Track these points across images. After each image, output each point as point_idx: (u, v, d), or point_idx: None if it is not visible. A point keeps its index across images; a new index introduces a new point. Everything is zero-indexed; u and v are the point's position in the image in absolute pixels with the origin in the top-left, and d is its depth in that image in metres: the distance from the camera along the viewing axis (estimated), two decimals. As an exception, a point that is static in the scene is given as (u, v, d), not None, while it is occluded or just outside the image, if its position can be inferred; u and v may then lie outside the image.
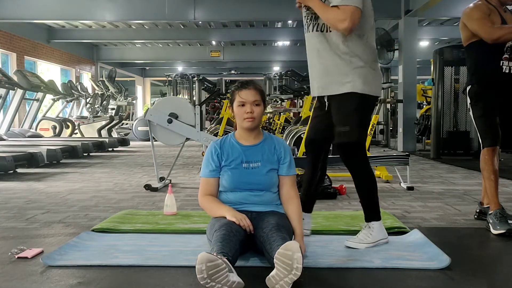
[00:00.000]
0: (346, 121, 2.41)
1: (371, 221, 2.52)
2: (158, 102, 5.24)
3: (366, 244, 2.45)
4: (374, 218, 2.53)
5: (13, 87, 8.77)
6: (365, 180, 2.54)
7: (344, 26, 2.35)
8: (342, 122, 2.43)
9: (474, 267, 2.23)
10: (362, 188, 2.56)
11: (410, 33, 9.87)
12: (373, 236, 2.48)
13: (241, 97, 2.36)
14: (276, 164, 2.45)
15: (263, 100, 2.40)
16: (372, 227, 2.50)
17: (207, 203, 2.45)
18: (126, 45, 17.46)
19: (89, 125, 12.34)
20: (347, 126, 2.40)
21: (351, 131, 2.41)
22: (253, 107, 2.35)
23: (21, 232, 2.94)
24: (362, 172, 2.53)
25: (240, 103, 2.37)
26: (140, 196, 4.37)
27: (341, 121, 2.43)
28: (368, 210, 2.55)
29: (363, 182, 2.55)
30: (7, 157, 5.71)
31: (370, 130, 5.64)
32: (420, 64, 11.07)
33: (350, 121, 2.41)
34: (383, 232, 2.54)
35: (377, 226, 2.52)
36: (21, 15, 10.36)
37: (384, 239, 2.52)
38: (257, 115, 2.37)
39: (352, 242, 2.47)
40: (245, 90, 2.37)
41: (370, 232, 2.48)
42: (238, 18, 11.98)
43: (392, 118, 12.47)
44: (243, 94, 2.36)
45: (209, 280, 1.80)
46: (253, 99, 2.36)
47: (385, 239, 2.53)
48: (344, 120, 2.42)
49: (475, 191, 4.57)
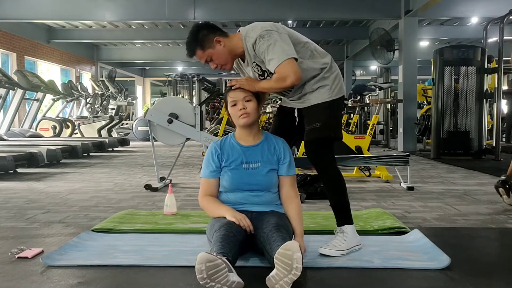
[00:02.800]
0: (318, 118, 2.39)
1: (344, 225, 2.43)
2: (158, 102, 5.24)
3: (341, 251, 2.34)
4: (346, 222, 2.44)
5: (13, 87, 8.77)
6: (332, 180, 2.45)
7: (289, 83, 2.29)
8: (313, 120, 2.40)
9: (474, 267, 2.23)
10: (329, 189, 2.47)
11: (410, 33, 9.88)
12: (347, 242, 2.37)
13: (231, 97, 2.39)
14: (276, 164, 2.45)
15: (255, 95, 2.40)
16: (346, 232, 2.40)
17: (207, 203, 2.45)
18: (126, 45, 17.47)
19: (89, 125, 12.35)
20: (318, 122, 2.38)
21: (322, 126, 2.38)
22: (245, 103, 2.36)
23: (21, 232, 2.94)
24: (329, 171, 2.44)
25: (232, 103, 2.39)
26: (140, 196, 4.37)
27: (313, 120, 2.41)
28: (339, 213, 2.46)
29: (331, 182, 2.46)
30: (7, 157, 5.71)
31: (370, 130, 5.65)
32: (420, 64, 11.06)
33: (321, 117, 2.39)
34: (356, 237, 2.44)
35: (350, 230, 2.42)
36: (21, 15, 10.37)
37: (357, 245, 2.43)
38: (251, 110, 2.37)
39: (326, 249, 2.36)
40: (233, 91, 2.40)
41: (344, 238, 2.38)
42: (238, 18, 11.96)
43: (392, 118, 12.48)
44: (232, 94, 2.39)
45: (208, 280, 1.80)
46: (243, 96, 2.37)
47: (358, 245, 2.44)
48: (316, 118, 2.40)
49: (475, 191, 4.57)
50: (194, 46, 2.39)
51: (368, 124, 6.09)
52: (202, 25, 2.42)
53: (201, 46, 2.38)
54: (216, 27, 2.42)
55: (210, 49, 2.38)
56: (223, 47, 2.38)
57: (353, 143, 5.47)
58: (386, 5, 10.10)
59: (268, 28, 2.31)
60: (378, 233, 2.83)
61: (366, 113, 12.04)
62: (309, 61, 2.40)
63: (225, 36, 2.40)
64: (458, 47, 8.13)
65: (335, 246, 2.37)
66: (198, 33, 2.38)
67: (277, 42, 2.27)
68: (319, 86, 2.40)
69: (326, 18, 12.45)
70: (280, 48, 2.26)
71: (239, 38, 2.38)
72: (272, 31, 2.30)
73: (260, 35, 2.29)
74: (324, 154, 2.43)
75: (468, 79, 7.72)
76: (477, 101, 7.72)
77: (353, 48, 15.88)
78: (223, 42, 2.38)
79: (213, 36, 2.37)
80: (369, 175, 5.56)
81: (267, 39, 2.27)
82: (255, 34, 2.31)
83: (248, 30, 2.37)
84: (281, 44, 2.27)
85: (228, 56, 2.41)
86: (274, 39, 2.27)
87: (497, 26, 7.75)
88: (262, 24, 2.35)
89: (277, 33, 2.30)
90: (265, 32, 2.29)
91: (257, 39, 2.28)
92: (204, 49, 2.39)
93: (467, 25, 13.42)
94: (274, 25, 2.35)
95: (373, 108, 10.85)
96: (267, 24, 2.36)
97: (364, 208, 3.71)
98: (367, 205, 3.88)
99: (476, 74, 7.71)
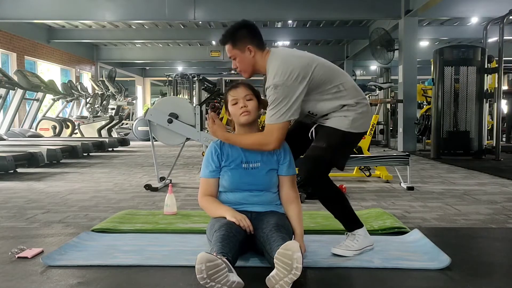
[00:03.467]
0: (327, 140, 2.34)
1: (354, 229, 2.42)
2: (158, 102, 5.24)
3: (353, 251, 2.35)
4: (356, 226, 2.43)
5: (13, 87, 8.77)
6: (327, 197, 2.41)
7: (269, 149, 2.32)
8: (322, 139, 2.36)
9: (474, 267, 2.23)
10: (327, 205, 2.43)
11: (410, 33, 9.88)
12: (360, 242, 2.38)
13: (232, 95, 2.40)
14: (275, 164, 2.45)
15: (256, 95, 2.40)
16: (358, 234, 2.40)
17: (206, 203, 2.45)
18: (126, 45, 17.47)
19: (89, 125, 12.34)
20: (325, 143, 2.33)
21: (327, 148, 2.31)
22: (246, 102, 2.37)
23: (21, 232, 2.94)
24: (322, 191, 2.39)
25: (233, 101, 2.40)
26: (140, 196, 4.37)
27: (322, 139, 2.36)
28: (345, 222, 2.45)
29: (326, 200, 2.41)
30: (7, 157, 5.71)
31: (370, 130, 5.65)
32: (420, 64, 11.07)
33: (331, 141, 2.33)
34: (368, 238, 2.44)
35: (362, 232, 2.42)
36: (21, 15, 10.36)
37: (370, 245, 2.43)
38: (252, 108, 2.38)
39: (339, 249, 2.36)
40: (235, 88, 2.42)
41: (357, 238, 2.39)
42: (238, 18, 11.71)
43: (392, 118, 12.47)
44: (233, 92, 2.40)
45: (208, 280, 1.80)
46: (244, 94, 2.38)
47: (371, 245, 2.44)
48: (325, 139, 2.35)
49: (475, 191, 4.58)
50: (228, 39, 2.39)
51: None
52: (247, 24, 2.41)
53: (233, 43, 2.38)
54: (257, 35, 2.39)
55: (239, 51, 2.37)
56: (251, 57, 2.37)
57: (353, 143, 5.46)
58: (386, 5, 10.10)
59: (287, 78, 2.23)
60: (378, 233, 2.83)
61: (366, 113, 12.02)
62: (329, 102, 2.34)
63: (259, 49, 2.38)
64: (458, 47, 8.13)
65: (347, 246, 2.37)
66: (239, 30, 2.37)
67: (286, 99, 2.23)
68: (343, 116, 2.34)
69: (326, 18, 12.45)
70: (284, 108, 2.23)
71: (265, 60, 2.36)
72: (289, 83, 2.23)
73: (275, 85, 2.23)
74: (317, 174, 2.34)
75: (468, 79, 7.72)
76: (477, 101, 7.72)
77: (353, 48, 15.88)
78: (253, 52, 2.36)
79: (249, 41, 2.36)
80: (369, 175, 5.56)
81: (278, 91, 2.23)
82: (271, 79, 2.25)
83: (272, 65, 2.30)
84: (287, 103, 2.23)
85: (250, 67, 2.40)
86: (285, 94, 2.22)
87: (497, 26, 7.76)
88: (285, 67, 2.25)
89: (291, 88, 2.23)
90: (281, 83, 2.22)
91: (272, 86, 2.25)
92: (234, 47, 2.38)
93: (467, 25, 13.42)
94: (300, 70, 2.25)
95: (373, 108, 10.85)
96: (294, 67, 2.25)
97: (364, 208, 3.71)
98: (367, 205, 3.88)
99: (476, 74, 7.72)
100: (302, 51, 2.46)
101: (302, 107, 2.33)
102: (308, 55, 2.40)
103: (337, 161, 2.40)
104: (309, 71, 2.28)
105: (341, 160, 2.43)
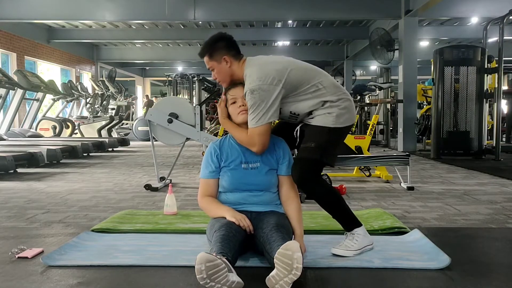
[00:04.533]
0: (314, 139, 2.36)
1: (353, 229, 2.43)
2: (158, 102, 5.24)
3: (353, 251, 2.35)
4: (354, 226, 2.43)
5: (13, 87, 8.77)
6: (321, 198, 2.41)
7: (254, 151, 2.38)
8: (310, 139, 2.38)
9: (474, 267, 2.23)
10: (323, 206, 2.44)
11: (410, 33, 9.88)
12: (359, 242, 2.38)
13: (231, 94, 2.43)
14: (275, 164, 2.45)
15: None
16: (357, 234, 2.41)
17: (206, 204, 2.45)
18: (126, 45, 17.48)
19: (89, 125, 12.34)
20: (313, 143, 2.34)
21: (316, 148, 2.33)
22: (244, 101, 2.38)
23: (21, 232, 2.94)
24: (315, 191, 2.39)
25: (232, 100, 2.42)
26: (140, 196, 4.37)
27: (309, 139, 2.38)
28: (343, 222, 2.45)
29: (321, 201, 2.42)
30: (7, 157, 5.71)
31: (370, 130, 5.65)
32: (420, 64, 11.07)
33: (318, 139, 2.35)
34: (368, 237, 2.45)
35: (361, 231, 2.42)
36: (21, 15, 10.37)
37: (369, 245, 2.43)
38: None
39: (338, 249, 2.37)
40: (233, 88, 2.44)
41: (356, 238, 2.39)
42: (238, 18, 11.98)
43: (392, 118, 12.47)
44: (232, 92, 2.43)
45: (208, 280, 1.80)
46: (243, 93, 2.38)
47: (370, 245, 2.44)
48: (313, 138, 2.37)
49: (475, 191, 4.58)
50: (205, 52, 2.47)
51: (368, 124, 6.09)
52: (224, 37, 2.47)
53: (210, 55, 2.46)
54: (234, 46, 2.45)
55: (216, 62, 2.44)
56: (228, 67, 2.43)
57: (353, 143, 5.47)
58: (386, 5, 10.10)
59: (263, 83, 2.29)
60: (378, 233, 2.83)
61: (366, 113, 12.04)
62: (310, 100, 2.37)
63: (236, 59, 2.44)
64: (458, 47, 8.12)
65: (347, 246, 2.37)
66: (216, 43, 2.45)
67: (263, 102, 2.28)
68: (326, 113, 2.37)
69: (326, 18, 12.46)
70: (262, 111, 2.29)
71: (242, 69, 2.41)
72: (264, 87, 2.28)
73: (251, 90, 2.30)
74: (308, 176, 2.36)
75: (468, 79, 7.72)
76: (477, 101, 7.72)
77: (353, 48, 15.88)
78: (229, 63, 2.43)
79: (225, 53, 2.42)
80: (369, 175, 5.56)
81: (255, 96, 2.29)
82: (249, 84, 2.32)
83: (248, 72, 2.37)
84: (265, 107, 2.29)
85: (228, 77, 2.46)
86: (262, 98, 2.28)
87: (497, 26, 7.75)
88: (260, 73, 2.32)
89: (267, 92, 2.28)
90: (257, 87, 2.29)
91: (248, 91, 2.32)
92: (211, 59, 2.46)
93: (467, 25, 13.42)
94: (275, 74, 2.31)
95: (373, 108, 10.86)
96: (268, 72, 2.32)
97: (364, 208, 3.71)
98: (367, 205, 3.88)
99: (476, 74, 7.72)
100: (279, 57, 2.51)
101: (284, 109, 2.38)
102: (284, 60, 2.46)
103: (327, 159, 2.41)
104: (284, 74, 2.33)
105: (331, 157, 2.45)
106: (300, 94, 2.37)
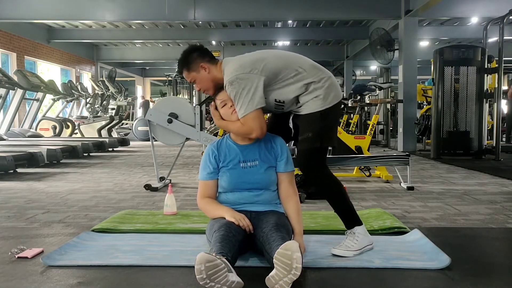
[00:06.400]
0: (310, 128, 2.37)
1: (354, 227, 2.43)
2: (158, 102, 5.24)
3: (353, 252, 2.35)
4: (355, 223, 2.43)
5: (13, 87, 8.77)
6: (328, 189, 2.43)
7: (254, 137, 2.37)
8: (306, 130, 2.39)
9: (474, 267, 2.23)
10: (328, 198, 2.46)
11: (410, 33, 9.88)
12: (359, 242, 2.38)
13: (219, 99, 2.42)
14: (273, 161, 2.45)
15: None
16: (357, 233, 2.41)
17: (205, 205, 2.45)
18: (126, 45, 17.47)
19: (89, 125, 12.34)
20: (310, 132, 2.36)
21: (314, 136, 2.35)
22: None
23: (21, 232, 2.94)
24: (323, 181, 2.42)
25: (222, 103, 2.42)
26: (140, 196, 4.37)
27: (305, 129, 2.39)
28: (345, 218, 2.45)
29: (327, 191, 2.44)
30: (7, 157, 5.71)
31: (370, 130, 5.65)
32: (420, 64, 11.07)
33: (313, 127, 2.36)
34: (368, 237, 2.45)
35: (361, 230, 2.42)
36: (21, 15, 10.36)
37: (369, 245, 2.44)
38: None
39: (338, 250, 2.37)
40: (220, 92, 2.43)
41: (356, 238, 2.39)
42: (238, 18, 11.97)
43: (392, 118, 12.47)
44: (219, 96, 2.43)
45: (208, 280, 1.81)
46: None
47: (371, 244, 2.45)
48: (308, 127, 2.38)
49: (475, 191, 4.58)
50: (182, 67, 2.49)
51: (368, 124, 6.09)
52: (195, 48, 2.49)
53: (187, 68, 2.46)
54: (207, 53, 2.47)
55: (195, 73, 2.45)
56: (207, 73, 2.44)
57: (353, 143, 5.47)
58: (386, 5, 10.10)
59: (240, 72, 2.30)
60: (378, 233, 2.83)
61: (366, 113, 12.03)
62: (292, 85, 2.38)
63: (212, 63, 2.45)
64: (458, 47, 8.12)
65: (347, 246, 2.37)
66: (189, 55, 2.46)
67: (244, 90, 2.28)
68: (313, 97, 2.37)
69: (326, 18, 12.45)
70: (247, 99, 2.29)
71: (221, 70, 2.42)
72: (242, 76, 2.29)
73: (229, 81, 2.31)
74: (314, 165, 2.38)
75: (468, 79, 7.72)
76: (477, 101, 7.72)
77: (353, 48, 15.88)
78: (208, 69, 2.43)
79: (200, 60, 2.44)
80: (369, 175, 5.56)
81: (235, 86, 2.29)
82: (227, 77, 2.34)
83: (226, 69, 2.39)
84: (248, 94, 2.29)
85: (210, 83, 2.46)
86: (242, 86, 2.29)
87: (497, 26, 7.75)
88: (236, 65, 2.35)
89: (246, 80, 2.29)
90: (234, 77, 2.30)
91: (227, 84, 2.32)
92: (190, 71, 2.47)
93: (467, 25, 13.42)
94: (251, 65, 2.33)
95: (373, 108, 10.85)
96: (244, 63, 2.35)
97: (364, 208, 3.71)
98: (367, 205, 3.88)
99: (476, 74, 7.71)
100: (257, 51, 2.52)
101: (268, 98, 2.38)
102: (260, 52, 2.48)
103: (328, 143, 2.43)
104: (261, 63, 2.35)
105: (331, 140, 2.45)
106: (281, 80, 2.37)
